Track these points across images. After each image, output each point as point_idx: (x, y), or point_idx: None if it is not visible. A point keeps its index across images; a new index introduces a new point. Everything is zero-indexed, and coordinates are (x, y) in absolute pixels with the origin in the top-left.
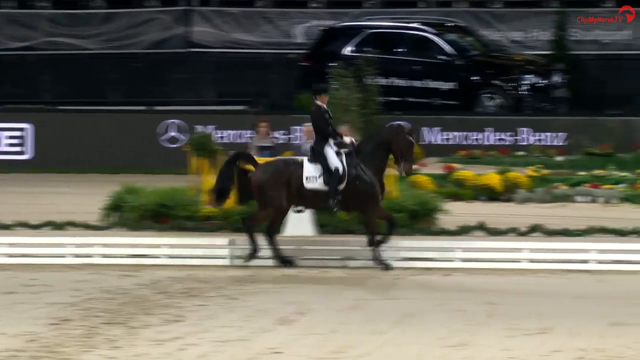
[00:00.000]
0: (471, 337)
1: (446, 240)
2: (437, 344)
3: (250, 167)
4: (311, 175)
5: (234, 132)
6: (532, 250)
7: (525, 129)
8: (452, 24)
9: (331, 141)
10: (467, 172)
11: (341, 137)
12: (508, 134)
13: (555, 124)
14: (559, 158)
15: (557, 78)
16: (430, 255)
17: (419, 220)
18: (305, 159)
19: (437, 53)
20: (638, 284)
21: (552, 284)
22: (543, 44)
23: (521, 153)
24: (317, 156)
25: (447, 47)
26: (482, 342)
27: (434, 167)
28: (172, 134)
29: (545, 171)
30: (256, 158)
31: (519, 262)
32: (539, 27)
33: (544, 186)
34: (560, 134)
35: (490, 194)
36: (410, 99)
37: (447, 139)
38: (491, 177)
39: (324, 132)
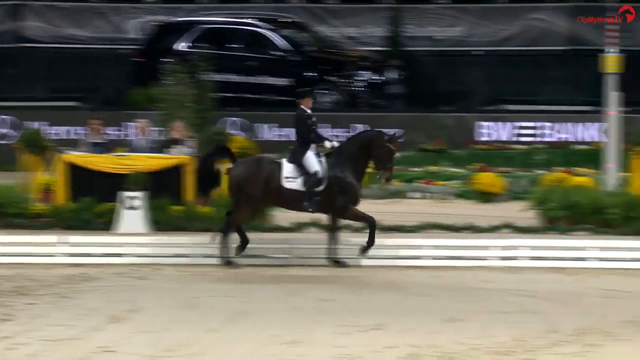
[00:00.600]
0: (305, 334)
1: (281, 234)
2: (271, 341)
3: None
4: (291, 176)
5: (67, 128)
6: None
7: (360, 126)
8: (287, 20)
9: (313, 145)
10: None
11: (323, 142)
12: (343, 130)
13: (389, 120)
14: (396, 154)
15: (391, 74)
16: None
17: (253, 216)
18: (283, 160)
19: (272, 49)
20: (471, 280)
21: (386, 280)
22: (377, 40)
23: None
24: (297, 158)
25: (281, 43)
26: (315, 339)
27: None
28: (3, 130)
29: None
30: (88, 155)
31: (353, 258)
32: (374, 23)
33: (378, 182)
34: (395, 130)
35: None
36: (245, 95)
37: (281, 135)
38: None
39: (305, 138)
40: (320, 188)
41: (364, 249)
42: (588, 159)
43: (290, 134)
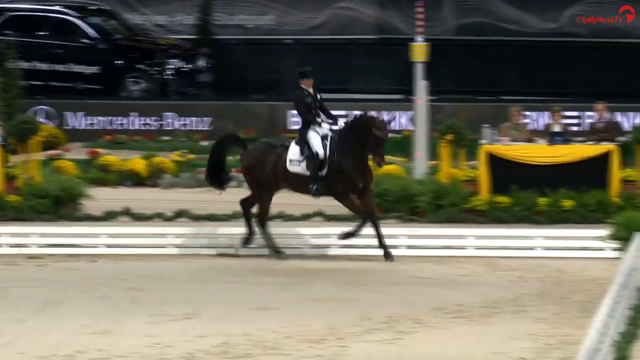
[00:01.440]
0: (115, 324)
1: (91, 226)
2: (80, 331)
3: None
4: (295, 159)
5: None
6: (178, 236)
7: (170, 114)
8: (96, 7)
9: (315, 126)
10: (111, 157)
11: (319, 123)
12: (153, 118)
13: (200, 109)
14: (205, 143)
15: (201, 62)
16: (75, 242)
17: (63, 206)
18: (292, 142)
19: (80, 36)
20: (283, 268)
21: (198, 269)
22: (187, 28)
23: (167, 138)
24: (300, 139)
25: (90, 31)
26: (126, 328)
27: (78, 152)
28: None
29: (190, 156)
30: None
31: (164, 247)
32: (183, 12)
33: (189, 171)
34: (206, 118)
35: (135, 179)
36: (53, 83)
37: (92, 124)
38: (136, 162)
39: (304, 118)
40: (323, 172)
41: (344, 236)
42: (397, 147)
43: (101, 122)
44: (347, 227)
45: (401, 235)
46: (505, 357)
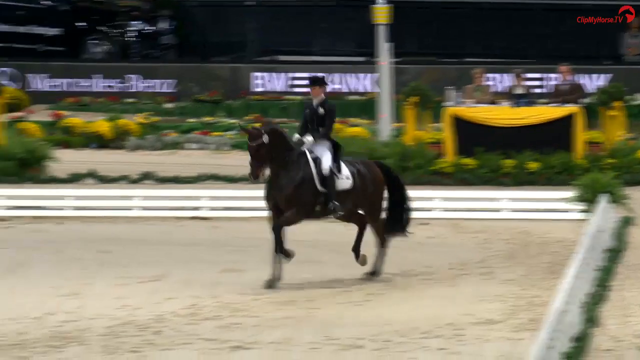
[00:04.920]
0: (84, 286)
1: (57, 188)
2: (50, 293)
3: None
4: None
5: None
6: (144, 198)
7: (134, 76)
8: None
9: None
10: (76, 120)
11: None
12: (117, 80)
13: (163, 71)
14: (169, 105)
15: (164, 24)
16: (41, 204)
17: (28, 168)
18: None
19: None
20: (248, 230)
21: (165, 232)
22: None
23: (131, 100)
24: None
25: None
26: (95, 290)
27: (41, 114)
28: None
29: (155, 118)
30: None
31: (130, 209)
32: None
33: (154, 133)
34: (170, 80)
35: (100, 142)
36: (15, 45)
37: (55, 86)
38: (101, 124)
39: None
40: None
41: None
42: (362, 109)
43: (64, 84)
44: None
45: None
46: (474, 319)
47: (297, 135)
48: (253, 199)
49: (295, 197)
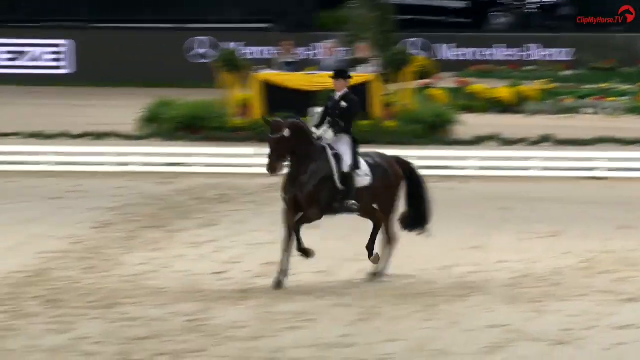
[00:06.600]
0: (487, 239)
1: (461, 149)
2: (454, 247)
3: None
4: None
5: (259, 49)
6: (543, 159)
7: (533, 45)
8: None
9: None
10: (478, 86)
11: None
12: (517, 49)
13: (562, 41)
14: (566, 72)
15: None
16: (447, 164)
17: (436, 130)
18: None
19: None
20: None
21: (562, 191)
22: None
23: (530, 68)
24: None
25: None
26: (497, 244)
27: (448, 81)
28: (201, 50)
29: (553, 85)
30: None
31: (529, 169)
32: None
33: (552, 99)
34: (567, 49)
35: (501, 107)
36: (425, 17)
37: (460, 55)
38: (502, 90)
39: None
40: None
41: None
42: None
43: (468, 53)
44: None
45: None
46: None
47: (316, 130)
48: None
49: (316, 195)
